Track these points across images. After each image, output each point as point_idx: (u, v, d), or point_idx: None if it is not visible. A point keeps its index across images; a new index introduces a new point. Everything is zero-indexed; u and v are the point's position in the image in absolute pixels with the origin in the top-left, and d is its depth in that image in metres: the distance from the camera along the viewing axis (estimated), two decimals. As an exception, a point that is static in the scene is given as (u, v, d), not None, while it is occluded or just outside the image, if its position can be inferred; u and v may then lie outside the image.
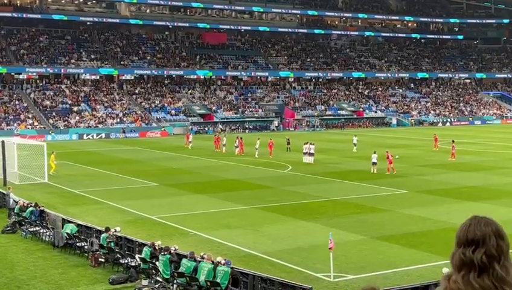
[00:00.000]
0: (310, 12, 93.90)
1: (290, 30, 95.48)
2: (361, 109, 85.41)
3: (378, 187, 31.13)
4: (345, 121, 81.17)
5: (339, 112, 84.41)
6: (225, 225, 22.96)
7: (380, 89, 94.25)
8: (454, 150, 42.11)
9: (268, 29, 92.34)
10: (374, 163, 36.23)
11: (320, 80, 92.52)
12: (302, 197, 28.66)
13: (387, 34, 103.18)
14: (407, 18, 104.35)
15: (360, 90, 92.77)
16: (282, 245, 19.88)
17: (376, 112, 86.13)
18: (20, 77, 74.35)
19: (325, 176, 35.00)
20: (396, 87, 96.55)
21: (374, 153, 36.53)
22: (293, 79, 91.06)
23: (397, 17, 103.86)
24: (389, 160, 35.87)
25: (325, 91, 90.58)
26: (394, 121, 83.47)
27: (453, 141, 43.32)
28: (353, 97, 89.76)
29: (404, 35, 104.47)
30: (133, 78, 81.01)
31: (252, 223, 23.19)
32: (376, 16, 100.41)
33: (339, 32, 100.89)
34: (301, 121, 79.92)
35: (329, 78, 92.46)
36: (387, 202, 27.46)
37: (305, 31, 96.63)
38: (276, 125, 78.06)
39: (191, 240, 20.42)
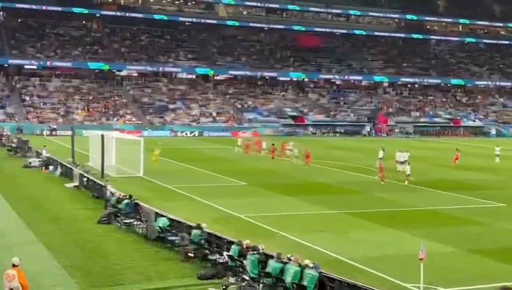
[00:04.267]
0: (408, 16, 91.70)
1: (387, 34, 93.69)
2: (458, 117, 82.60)
3: (472, 199, 29.96)
4: (441, 129, 78.75)
5: (434, 119, 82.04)
6: (312, 228, 22.84)
7: (479, 97, 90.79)
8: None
9: (364, 33, 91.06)
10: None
11: (416, 85, 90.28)
12: (392, 205, 28.05)
13: (490, 41, 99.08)
14: (511, 25, 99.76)
15: (458, 98, 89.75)
16: (370, 252, 19.54)
17: (474, 121, 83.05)
18: (121, 73, 77.41)
19: (417, 184, 34.07)
20: (497, 96, 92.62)
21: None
22: (387, 84, 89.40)
23: (501, 24, 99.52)
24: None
25: (421, 97, 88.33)
26: (493, 131, 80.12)
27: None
28: (450, 105, 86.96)
29: (507, 42, 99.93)
30: (227, 78, 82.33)
31: (339, 228, 22.94)
32: (478, 22, 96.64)
33: (439, 38, 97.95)
34: (394, 127, 78.30)
35: (426, 84, 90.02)
36: (482, 214, 26.37)
37: (403, 35, 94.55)
38: (368, 130, 76.87)
39: (278, 241, 20.45)
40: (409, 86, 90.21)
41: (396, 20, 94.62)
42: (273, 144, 46.33)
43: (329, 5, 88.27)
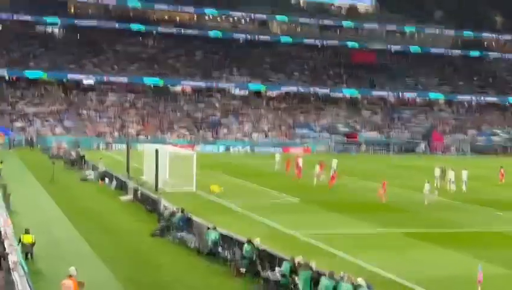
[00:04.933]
0: (465, 33, 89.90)
1: (443, 51, 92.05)
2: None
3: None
4: (498, 148, 76.69)
5: (491, 138, 79.94)
6: (366, 246, 22.45)
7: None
8: None
9: (419, 50, 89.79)
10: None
11: (473, 103, 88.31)
12: (449, 225, 27.34)
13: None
14: None
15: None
16: (427, 273, 19.03)
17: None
18: (176, 88, 78.57)
19: (476, 203, 33.15)
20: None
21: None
22: (443, 101, 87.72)
23: None
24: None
25: (478, 115, 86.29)
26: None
27: None
28: (509, 124, 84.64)
29: None
30: (279, 94, 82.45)
31: (394, 248, 22.47)
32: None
33: (496, 55, 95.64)
34: (450, 146, 76.65)
35: (483, 102, 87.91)
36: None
37: (459, 52, 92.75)
38: (423, 148, 75.44)
39: (331, 259, 20.17)
40: (466, 103, 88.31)
41: (452, 37, 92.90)
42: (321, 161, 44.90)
43: (383, 22, 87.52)
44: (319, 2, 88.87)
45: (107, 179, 36.68)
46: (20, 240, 18.30)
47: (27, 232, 18.99)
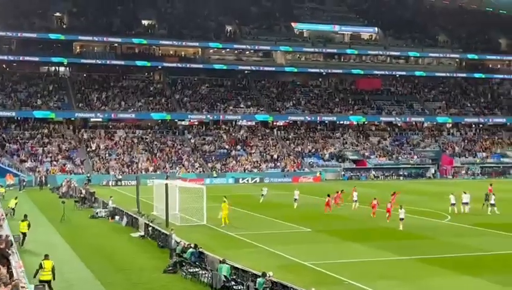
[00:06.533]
0: (469, 56, 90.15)
1: (448, 74, 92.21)
2: (526, 157, 79.92)
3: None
4: (508, 169, 76.37)
5: (502, 159, 79.54)
6: (381, 275, 22.17)
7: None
8: None
9: (424, 74, 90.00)
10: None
11: (481, 125, 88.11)
12: (463, 250, 27.03)
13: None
14: None
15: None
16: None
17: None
18: (183, 123, 78.89)
19: (488, 227, 32.80)
20: None
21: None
22: (451, 125, 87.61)
23: None
24: None
25: (486, 137, 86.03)
26: None
27: None
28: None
29: None
30: (286, 123, 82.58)
31: (409, 275, 22.18)
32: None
33: (502, 76, 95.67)
34: (460, 169, 76.24)
35: (491, 123, 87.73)
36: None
37: (464, 75, 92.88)
38: (433, 172, 75.09)
39: (344, 289, 19.92)
40: (474, 126, 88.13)
41: (457, 60, 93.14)
42: (342, 190, 44.48)
43: (387, 47, 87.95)
44: (322, 30, 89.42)
45: (117, 217, 36.61)
46: (40, 266, 19.00)
47: (46, 258, 19.44)
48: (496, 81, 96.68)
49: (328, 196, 40.33)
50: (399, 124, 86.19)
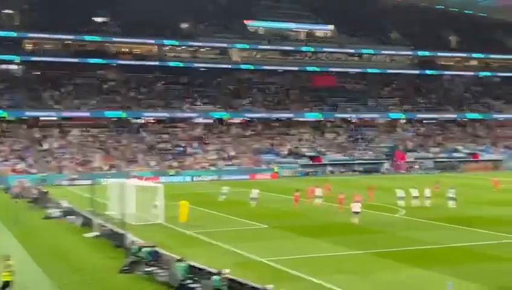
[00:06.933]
0: (420, 53, 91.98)
1: (400, 71, 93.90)
2: (477, 152, 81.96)
3: (500, 234, 29.40)
4: (460, 164, 78.26)
5: (453, 154, 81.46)
6: (337, 270, 22.49)
7: (498, 130, 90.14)
8: None
9: (378, 71, 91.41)
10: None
11: (433, 121, 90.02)
12: (416, 243, 27.61)
13: (505, 74, 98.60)
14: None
15: (476, 132, 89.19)
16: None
17: (493, 154, 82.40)
18: (138, 121, 78.12)
19: (441, 221, 33.58)
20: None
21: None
22: (404, 120, 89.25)
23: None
24: None
25: (439, 132, 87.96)
26: (512, 164, 79.42)
27: None
28: (469, 139, 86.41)
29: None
30: (243, 121, 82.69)
31: (364, 269, 22.55)
32: (491, 56, 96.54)
33: (453, 73, 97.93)
34: (414, 164, 77.76)
35: (443, 119, 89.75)
36: (510, 250, 25.85)
37: (416, 72, 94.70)
38: (387, 167, 76.42)
39: (301, 284, 20.14)
40: (426, 121, 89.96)
41: (409, 57, 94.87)
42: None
43: (342, 45, 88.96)
44: (278, 28, 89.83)
45: (71, 217, 36.05)
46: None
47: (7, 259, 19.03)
48: (447, 77, 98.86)
49: (297, 191, 40.91)
50: (354, 121, 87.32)
